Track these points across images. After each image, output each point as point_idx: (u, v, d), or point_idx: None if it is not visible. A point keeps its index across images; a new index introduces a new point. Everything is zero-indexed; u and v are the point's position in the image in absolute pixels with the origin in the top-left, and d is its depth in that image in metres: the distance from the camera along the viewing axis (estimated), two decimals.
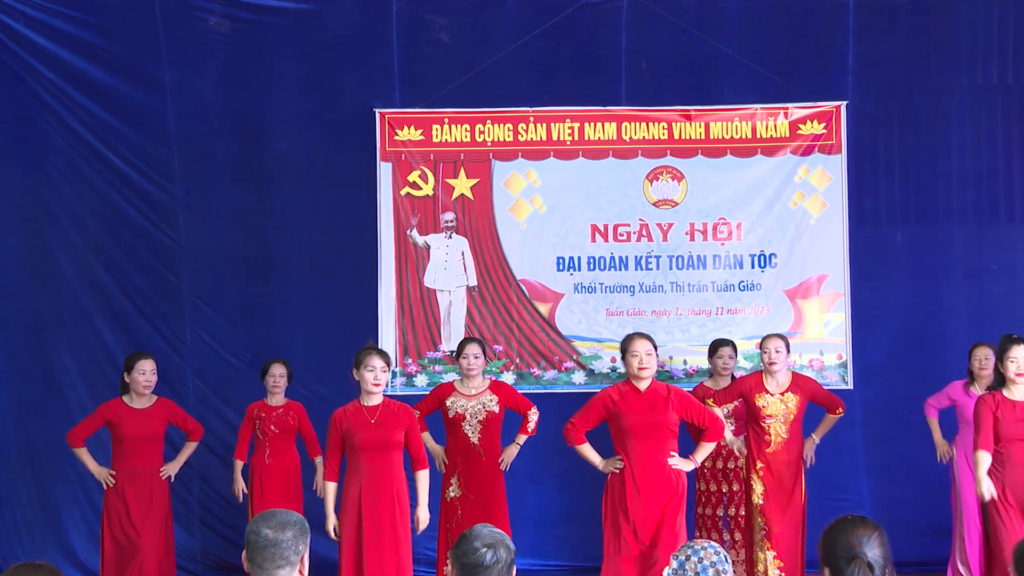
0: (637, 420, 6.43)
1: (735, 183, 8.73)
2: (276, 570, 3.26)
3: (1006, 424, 6.36)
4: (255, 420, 7.96)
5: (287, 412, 7.98)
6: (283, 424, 7.95)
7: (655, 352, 6.54)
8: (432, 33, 8.89)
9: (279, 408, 7.99)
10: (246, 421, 7.97)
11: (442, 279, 8.74)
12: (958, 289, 8.87)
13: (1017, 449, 6.36)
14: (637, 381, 6.51)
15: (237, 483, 7.93)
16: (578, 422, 6.60)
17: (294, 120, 8.90)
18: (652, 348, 6.52)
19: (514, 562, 3.37)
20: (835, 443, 8.20)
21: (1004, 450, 6.38)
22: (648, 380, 6.51)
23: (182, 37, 8.80)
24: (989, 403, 6.43)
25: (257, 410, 7.98)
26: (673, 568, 3.70)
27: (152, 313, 8.87)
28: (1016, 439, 6.36)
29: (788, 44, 8.89)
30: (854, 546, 3.30)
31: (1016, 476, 6.35)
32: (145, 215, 8.86)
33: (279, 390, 8.00)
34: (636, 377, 6.50)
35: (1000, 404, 6.39)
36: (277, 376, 7.99)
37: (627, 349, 6.55)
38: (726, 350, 8.01)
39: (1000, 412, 6.38)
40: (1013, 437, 6.36)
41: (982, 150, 8.88)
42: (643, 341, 6.52)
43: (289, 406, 8.02)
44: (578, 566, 8.71)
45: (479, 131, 8.73)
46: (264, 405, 8.00)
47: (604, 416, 6.55)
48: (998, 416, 6.37)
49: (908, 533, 7.79)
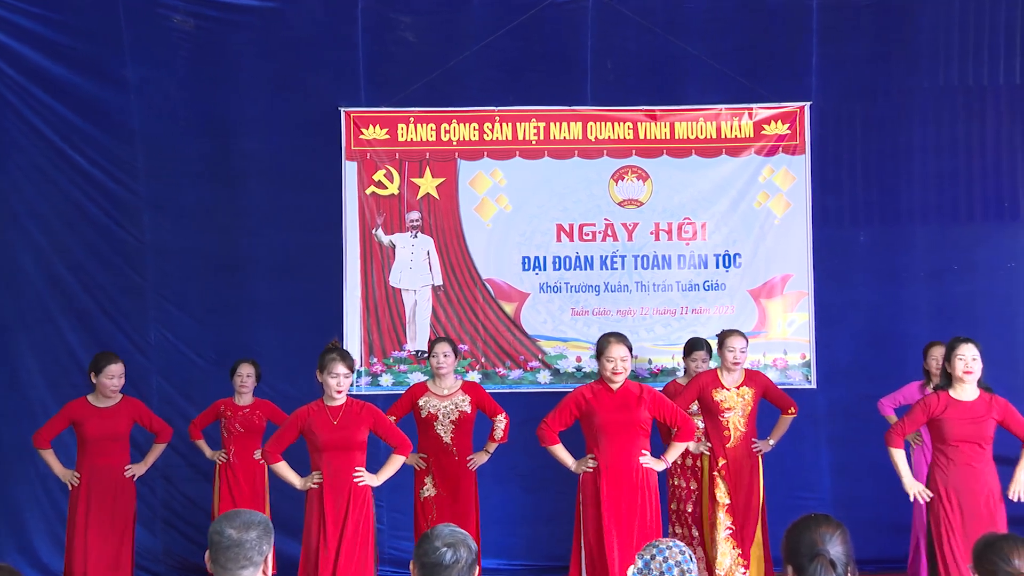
0: (610, 418, 6.47)
1: (700, 183, 8.77)
2: (240, 570, 3.25)
3: (954, 425, 6.35)
4: (220, 417, 8.05)
5: (253, 411, 8.03)
6: (248, 423, 7.99)
7: (631, 356, 6.59)
8: (398, 32, 8.88)
9: (245, 408, 8.04)
10: (210, 409, 8.10)
11: (407, 278, 8.73)
12: (920, 289, 8.94)
13: (964, 450, 6.36)
14: (610, 382, 6.55)
15: (205, 450, 8.10)
16: (551, 422, 6.62)
17: (260, 119, 8.86)
18: (628, 353, 6.57)
19: (476, 562, 3.37)
20: (799, 442, 8.26)
21: (951, 451, 6.38)
22: (621, 382, 6.56)
23: (146, 35, 8.74)
24: (933, 404, 6.42)
25: (224, 407, 8.05)
26: (638, 567, 3.72)
27: (116, 312, 8.80)
28: (963, 440, 6.35)
29: (753, 45, 8.94)
30: (817, 544, 3.33)
31: (961, 477, 6.36)
32: (109, 214, 8.80)
33: (246, 390, 8.03)
34: (609, 380, 6.55)
35: (948, 406, 6.38)
36: (244, 376, 8.02)
37: (603, 352, 6.58)
38: (700, 353, 7.98)
39: (948, 413, 6.36)
40: (961, 438, 6.36)
41: (944, 151, 8.96)
42: (620, 346, 6.54)
43: (256, 405, 8.06)
44: (544, 566, 8.71)
45: (445, 130, 8.73)
46: (231, 403, 8.05)
47: (577, 415, 6.58)
48: (945, 417, 6.37)
49: (870, 531, 7.84)
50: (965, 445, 6.36)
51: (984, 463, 6.39)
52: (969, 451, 6.36)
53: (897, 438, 6.52)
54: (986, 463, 6.40)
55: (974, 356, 6.39)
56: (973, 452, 6.36)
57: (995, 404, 6.40)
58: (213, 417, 8.09)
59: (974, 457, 6.36)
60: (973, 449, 6.36)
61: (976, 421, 6.35)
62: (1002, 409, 6.40)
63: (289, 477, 6.55)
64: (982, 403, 6.39)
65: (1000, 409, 6.40)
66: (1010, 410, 6.43)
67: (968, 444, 6.36)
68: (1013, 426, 6.43)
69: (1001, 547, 3.49)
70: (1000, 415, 6.39)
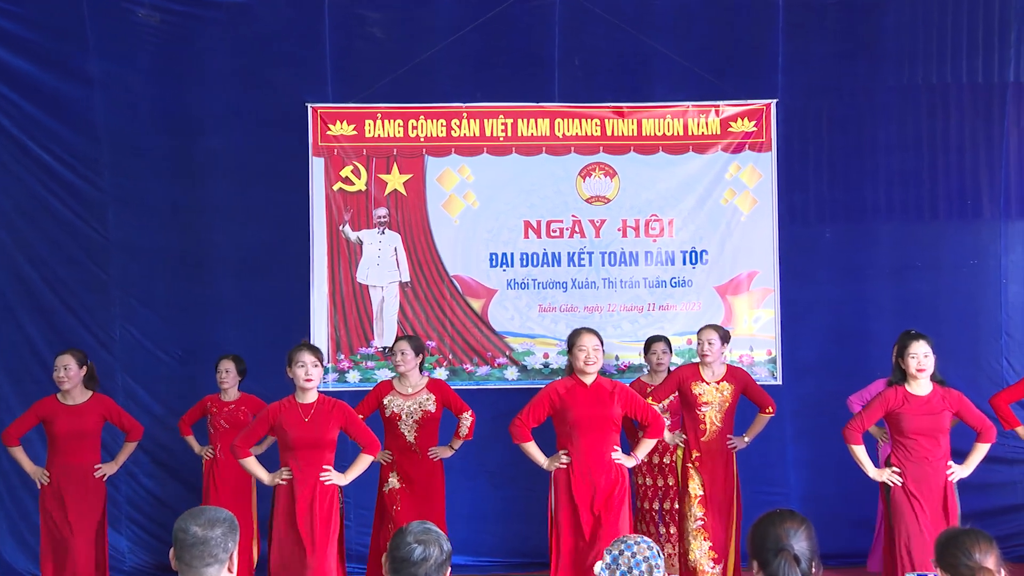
0: (583, 413, 6.49)
1: (667, 180, 8.80)
2: (205, 568, 3.23)
3: (911, 418, 6.47)
4: (206, 413, 8.10)
5: (239, 407, 8.06)
6: (233, 419, 8.00)
7: (601, 347, 6.60)
8: (365, 28, 8.86)
9: (230, 404, 8.07)
10: (197, 405, 8.13)
11: (375, 275, 8.70)
12: (884, 286, 9.01)
13: (921, 443, 6.48)
14: (583, 376, 6.57)
15: (194, 446, 8.12)
16: (525, 418, 6.62)
17: (225, 114, 8.81)
18: (599, 343, 6.59)
19: (448, 562, 3.37)
20: (764, 438, 8.28)
21: (908, 443, 6.50)
22: (594, 375, 6.59)
23: (110, 29, 8.68)
24: (891, 399, 6.53)
25: (210, 404, 8.11)
26: (606, 563, 3.74)
27: (80, 309, 8.74)
28: (920, 433, 6.48)
29: (720, 43, 8.98)
30: (781, 539, 3.35)
31: (920, 469, 6.48)
32: (72, 209, 8.73)
33: (228, 385, 8.06)
34: (582, 372, 6.57)
35: (905, 400, 6.50)
36: (224, 371, 8.06)
37: (574, 344, 6.61)
38: (659, 346, 8.11)
39: (905, 408, 6.48)
40: (917, 431, 6.48)
41: (908, 149, 9.04)
42: (590, 336, 6.59)
43: (242, 400, 8.10)
44: (513, 562, 8.74)
45: (412, 126, 8.71)
46: (216, 399, 8.10)
47: (550, 411, 6.59)
48: (902, 411, 6.48)
49: (835, 526, 7.91)
50: (922, 438, 6.49)
51: (940, 456, 6.52)
52: (926, 444, 6.49)
53: (855, 434, 6.62)
54: (942, 456, 6.53)
55: (926, 352, 6.51)
56: (929, 445, 6.49)
57: (949, 397, 6.55)
58: (200, 413, 8.12)
59: (930, 450, 6.49)
60: (929, 442, 6.49)
61: (932, 414, 6.49)
62: (956, 401, 6.56)
63: (258, 473, 6.54)
64: (937, 396, 6.53)
65: (954, 401, 6.55)
66: (964, 402, 6.59)
67: (925, 437, 6.49)
68: (967, 417, 6.61)
69: (963, 541, 3.53)
70: (955, 407, 6.55)
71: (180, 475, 8.71)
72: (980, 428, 6.59)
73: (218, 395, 8.10)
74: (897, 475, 6.52)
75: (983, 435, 6.59)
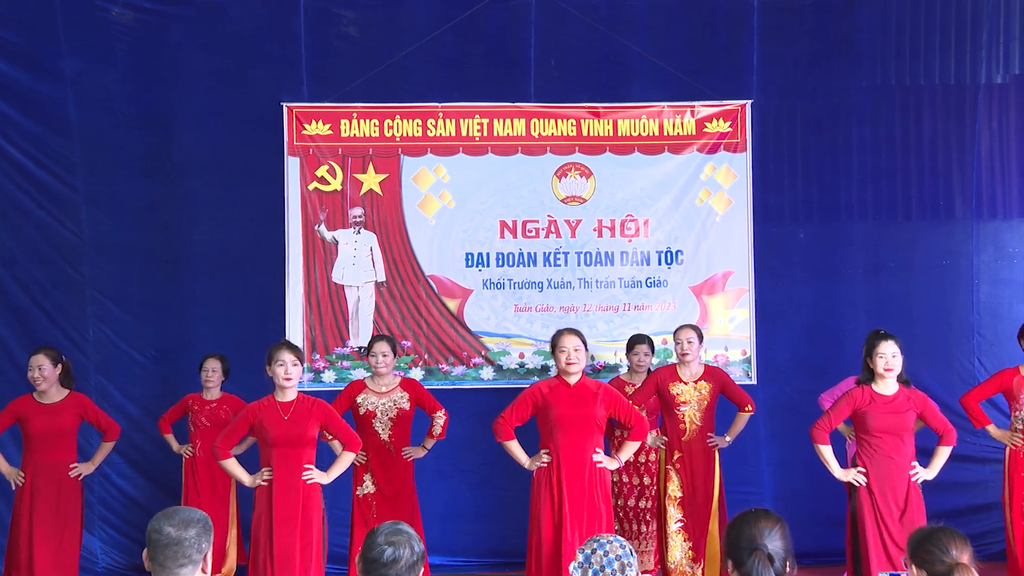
0: (565, 413, 6.50)
1: (642, 180, 8.82)
2: (178, 569, 3.22)
3: (878, 417, 6.53)
4: (188, 412, 8.11)
5: (220, 406, 8.08)
6: (215, 418, 8.03)
7: (584, 347, 6.62)
8: (340, 27, 8.84)
9: (212, 402, 8.09)
10: (178, 404, 8.14)
11: (350, 275, 8.69)
12: (858, 286, 9.06)
13: (887, 442, 6.54)
14: (566, 376, 6.59)
15: (172, 444, 8.14)
16: (508, 417, 6.63)
17: (200, 113, 8.77)
18: (581, 344, 6.60)
19: (420, 563, 3.37)
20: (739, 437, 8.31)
21: (874, 442, 6.57)
22: (577, 375, 6.60)
23: (83, 27, 8.62)
24: (858, 398, 6.59)
25: (192, 402, 8.12)
26: (579, 561, 3.73)
27: (53, 309, 8.69)
28: (886, 432, 6.54)
29: (695, 43, 9.01)
30: (755, 538, 3.36)
31: (885, 468, 6.54)
32: (45, 208, 8.68)
33: (212, 384, 8.09)
34: (565, 372, 6.58)
35: (872, 399, 6.56)
36: (210, 371, 8.08)
37: (556, 344, 6.63)
38: (642, 347, 8.11)
39: (871, 407, 6.54)
40: (883, 430, 6.54)
41: (881, 149, 9.09)
42: (572, 337, 6.60)
43: (223, 400, 8.12)
44: (487, 561, 8.73)
45: (388, 126, 8.70)
46: (198, 398, 8.12)
47: (533, 410, 6.60)
48: (869, 410, 6.54)
49: (809, 524, 7.94)
50: (887, 437, 6.55)
51: (904, 456, 6.58)
52: (891, 443, 6.55)
53: (822, 433, 6.67)
54: (907, 455, 6.59)
55: (894, 352, 6.57)
56: (895, 444, 6.55)
57: (914, 397, 6.63)
58: (181, 412, 8.13)
59: (895, 449, 6.55)
60: (895, 441, 6.55)
61: (897, 413, 6.55)
62: (920, 402, 6.63)
63: (238, 474, 6.51)
64: (902, 396, 6.59)
65: (919, 402, 6.63)
66: (928, 404, 6.67)
67: (890, 436, 6.55)
68: (930, 419, 6.68)
69: (939, 538, 3.55)
70: (919, 408, 6.62)
71: (154, 476, 8.66)
72: (942, 431, 6.67)
73: (200, 394, 8.10)
74: (862, 475, 6.57)
75: (945, 438, 6.66)
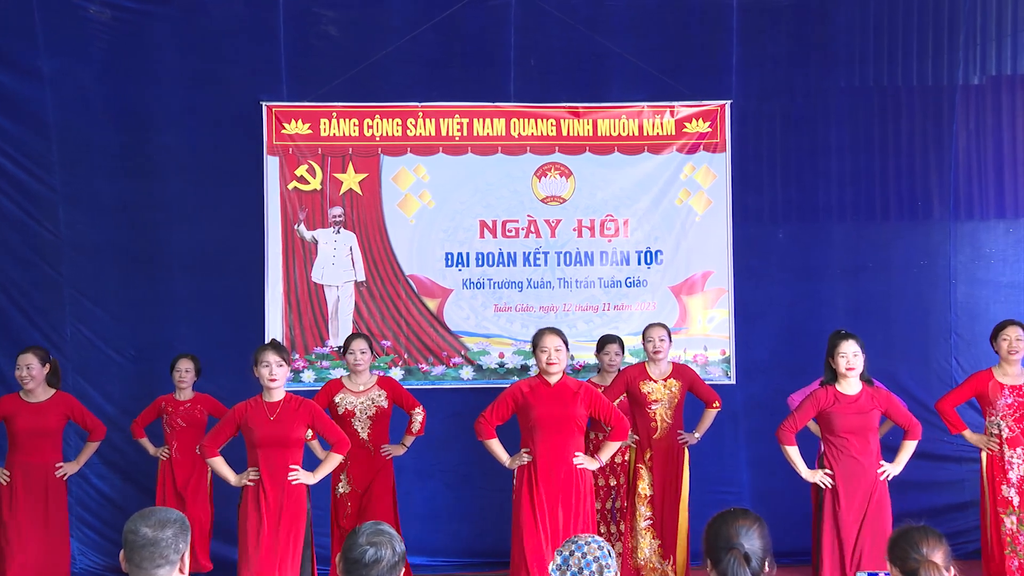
0: (546, 412, 6.49)
1: (622, 180, 8.84)
2: (155, 569, 3.20)
3: (842, 417, 6.56)
4: (161, 413, 8.03)
5: (194, 406, 8.03)
6: (190, 418, 7.98)
7: (565, 347, 6.60)
8: (320, 26, 8.82)
9: (187, 403, 8.03)
10: (151, 406, 8.05)
11: (330, 274, 8.68)
12: (837, 286, 9.10)
13: (851, 442, 6.57)
14: (547, 376, 6.59)
15: (148, 448, 8.03)
16: (489, 416, 6.63)
17: (179, 112, 8.74)
18: (562, 344, 6.58)
19: (401, 564, 3.36)
20: (718, 437, 8.35)
21: (839, 442, 6.59)
22: (558, 375, 6.59)
23: (60, 25, 8.58)
24: (822, 399, 6.62)
25: (164, 403, 8.04)
26: (557, 563, 3.73)
27: (31, 308, 8.64)
28: (850, 432, 6.57)
29: (675, 43, 9.03)
30: (732, 537, 3.38)
31: (851, 469, 6.57)
32: (23, 208, 8.64)
33: (185, 384, 8.03)
34: (546, 372, 6.58)
35: (836, 399, 6.59)
36: (183, 371, 8.02)
37: (537, 344, 6.61)
38: (613, 347, 8.12)
39: (836, 407, 6.57)
40: (848, 430, 6.57)
41: (859, 150, 9.13)
42: (553, 337, 6.58)
43: (197, 400, 8.06)
44: (466, 561, 8.73)
45: (367, 125, 8.69)
46: (171, 399, 8.05)
47: (514, 409, 6.60)
48: (833, 411, 6.57)
49: (787, 524, 7.94)
50: (852, 436, 6.58)
51: (870, 455, 6.62)
52: (856, 442, 6.58)
53: (788, 434, 6.70)
54: (872, 455, 6.63)
55: (855, 352, 6.59)
56: (859, 443, 6.59)
57: (878, 396, 6.66)
58: (155, 414, 8.05)
59: (860, 449, 6.58)
60: (859, 440, 6.59)
61: (861, 413, 6.58)
62: (884, 400, 6.68)
63: (225, 473, 6.49)
64: (866, 395, 6.62)
65: (882, 400, 6.67)
66: (891, 400, 6.73)
67: (855, 436, 6.58)
68: (895, 415, 6.72)
69: (912, 536, 3.58)
70: (883, 406, 6.66)
71: (131, 476, 8.62)
72: (907, 426, 6.70)
73: (172, 395, 8.04)
74: (829, 477, 6.60)
75: (910, 433, 6.69)
